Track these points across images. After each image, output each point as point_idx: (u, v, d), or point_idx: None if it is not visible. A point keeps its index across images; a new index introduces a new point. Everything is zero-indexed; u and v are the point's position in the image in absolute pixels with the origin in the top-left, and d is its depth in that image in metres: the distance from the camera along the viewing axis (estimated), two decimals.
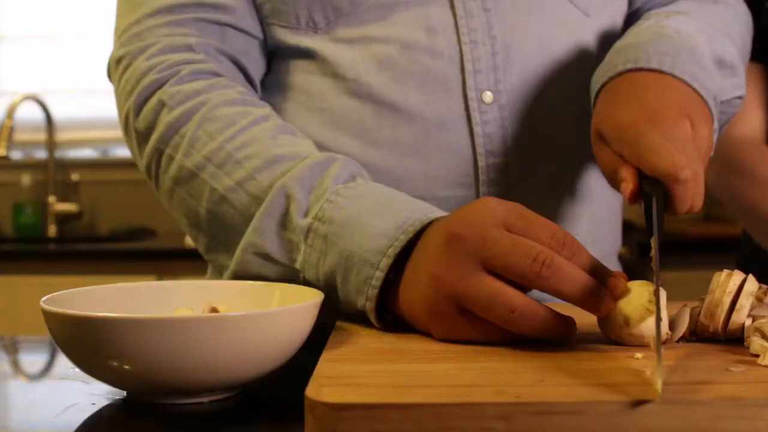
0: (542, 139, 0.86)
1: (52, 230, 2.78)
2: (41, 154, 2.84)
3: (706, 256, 1.72)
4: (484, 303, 0.60)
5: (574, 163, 0.88)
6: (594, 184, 0.90)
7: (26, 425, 0.60)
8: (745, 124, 1.20)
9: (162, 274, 2.20)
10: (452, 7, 0.84)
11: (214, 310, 0.69)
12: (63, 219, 2.80)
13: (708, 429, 0.46)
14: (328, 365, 0.56)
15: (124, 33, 0.85)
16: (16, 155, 2.83)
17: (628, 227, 2.41)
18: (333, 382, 0.51)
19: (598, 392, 0.48)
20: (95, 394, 0.62)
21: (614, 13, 0.92)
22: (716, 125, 0.81)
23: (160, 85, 0.80)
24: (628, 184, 0.67)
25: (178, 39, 0.82)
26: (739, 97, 0.89)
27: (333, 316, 0.72)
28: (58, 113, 2.78)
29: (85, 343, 0.59)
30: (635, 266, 2.05)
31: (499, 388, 0.48)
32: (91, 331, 0.58)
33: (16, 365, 0.79)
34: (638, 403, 0.46)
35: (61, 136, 2.81)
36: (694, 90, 0.75)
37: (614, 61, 0.78)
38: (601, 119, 0.73)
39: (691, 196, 0.66)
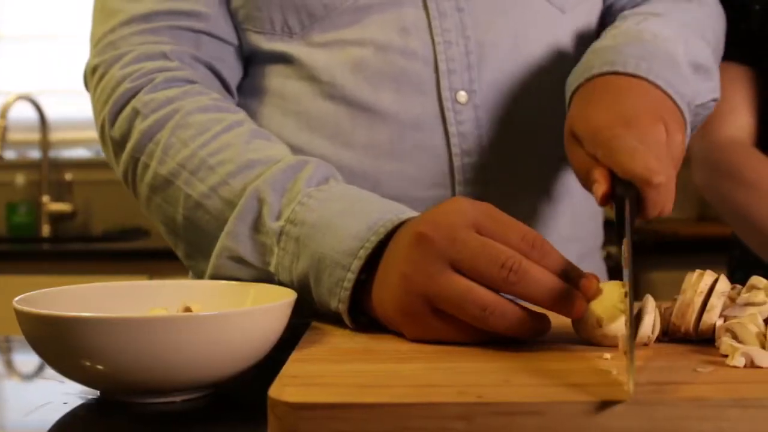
0: (518, 138, 0.86)
1: (45, 230, 2.78)
2: (35, 154, 2.84)
3: (698, 257, 1.72)
4: (456, 301, 0.60)
5: (552, 160, 0.88)
6: (573, 181, 0.89)
7: None
8: (733, 126, 1.19)
9: (155, 274, 2.19)
10: (426, 7, 0.84)
11: (187, 309, 0.69)
12: (57, 219, 2.80)
13: (671, 430, 0.46)
14: (295, 365, 0.55)
15: (99, 42, 0.85)
16: (10, 155, 2.83)
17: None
18: (297, 381, 0.51)
19: (562, 393, 0.47)
20: (69, 394, 0.62)
21: (590, 10, 0.91)
22: (689, 130, 0.81)
23: (134, 93, 0.81)
24: (601, 186, 0.66)
25: (153, 47, 0.83)
26: (714, 100, 0.89)
27: (310, 317, 0.72)
28: (51, 113, 2.78)
29: (56, 343, 0.59)
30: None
31: (461, 388, 0.48)
32: (61, 330, 0.58)
33: (9, 365, 0.80)
34: (604, 404, 0.45)
35: (54, 136, 2.81)
36: (669, 96, 0.75)
37: (591, 62, 0.78)
38: (576, 120, 0.73)
39: (663, 200, 0.66)
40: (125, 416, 0.58)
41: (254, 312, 0.61)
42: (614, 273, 0.75)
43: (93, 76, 0.85)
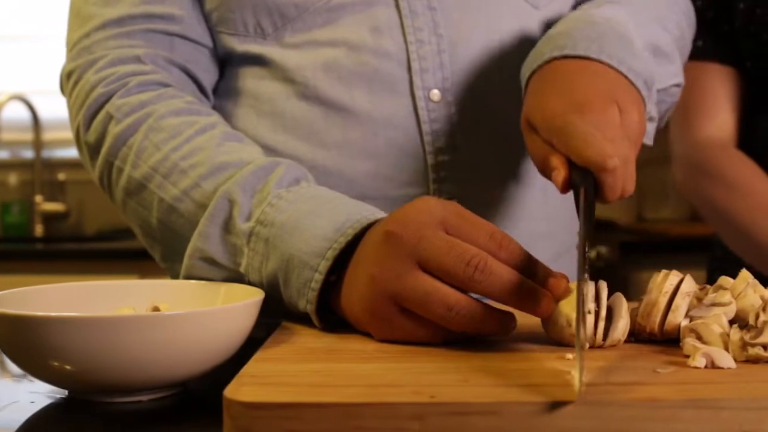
0: (493, 135, 0.86)
1: (38, 230, 2.78)
2: (28, 154, 2.84)
3: (689, 257, 1.72)
4: (421, 301, 0.60)
5: (527, 157, 0.88)
6: (548, 181, 0.89)
7: None
8: (714, 126, 1.20)
9: (146, 274, 2.19)
10: (398, 7, 0.84)
11: (156, 309, 0.69)
12: (50, 218, 2.80)
13: (622, 430, 0.46)
14: (256, 364, 0.55)
15: (74, 47, 0.85)
16: (3, 155, 2.83)
17: (609, 227, 2.43)
18: (254, 381, 0.51)
19: (515, 393, 0.47)
20: (36, 393, 0.62)
21: (562, 6, 0.91)
22: (654, 112, 0.80)
23: (108, 97, 0.81)
24: (560, 172, 0.66)
25: (127, 51, 0.83)
26: (677, 85, 0.88)
27: (282, 317, 0.72)
28: (44, 113, 2.78)
29: (23, 343, 0.59)
30: (617, 266, 2.05)
31: (417, 388, 0.48)
32: (28, 330, 0.58)
33: None
34: (554, 404, 0.45)
35: (47, 135, 2.81)
36: (622, 74, 0.74)
37: (542, 49, 0.78)
38: (530, 108, 0.72)
39: (621, 183, 0.66)
40: (93, 415, 0.58)
41: (221, 311, 0.61)
42: (604, 274, 0.74)
43: (68, 81, 0.85)
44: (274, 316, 0.72)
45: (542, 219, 0.90)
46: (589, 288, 0.60)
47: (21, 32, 2.81)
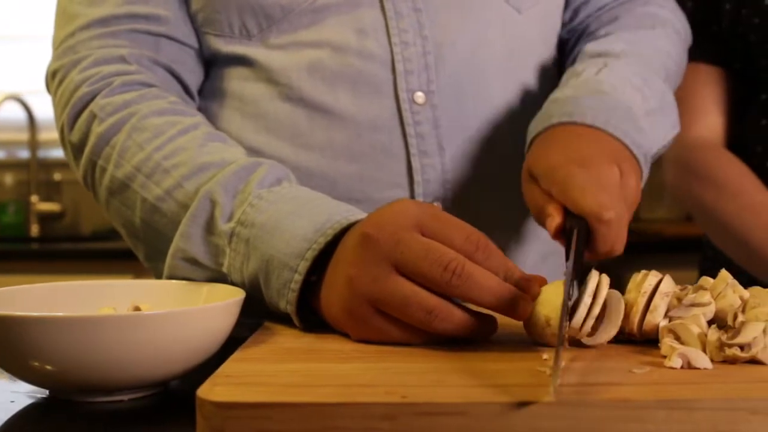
0: (477, 138, 0.86)
1: (34, 230, 2.78)
2: (24, 154, 2.84)
3: (684, 257, 1.72)
4: (400, 305, 0.60)
5: (512, 160, 0.88)
6: None
7: None
8: (704, 127, 1.20)
9: (141, 274, 2.19)
10: (383, 8, 0.83)
11: (137, 309, 0.70)
12: (45, 218, 2.80)
13: (596, 431, 0.46)
14: (232, 364, 0.55)
15: (59, 46, 0.85)
16: None
17: None
18: (229, 381, 0.51)
19: (487, 393, 0.47)
20: (17, 392, 0.63)
21: (547, 11, 0.91)
22: (646, 175, 0.81)
23: (92, 97, 0.81)
24: (554, 219, 0.68)
25: (111, 51, 0.83)
26: (676, 133, 0.90)
27: (264, 317, 0.72)
28: (40, 113, 2.78)
29: (3, 343, 0.59)
30: (611, 265, 2.04)
31: (390, 388, 0.48)
32: (9, 330, 0.58)
33: None
34: (524, 404, 0.45)
35: (43, 135, 2.81)
36: (625, 145, 0.76)
37: (551, 112, 0.79)
38: (533, 160, 0.74)
39: (613, 238, 0.67)
40: (73, 415, 0.59)
41: (200, 311, 0.61)
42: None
43: (53, 80, 0.85)
44: (257, 316, 0.72)
45: (528, 220, 0.89)
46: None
47: (17, 32, 2.81)
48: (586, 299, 0.59)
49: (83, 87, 0.81)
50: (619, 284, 0.66)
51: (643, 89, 0.83)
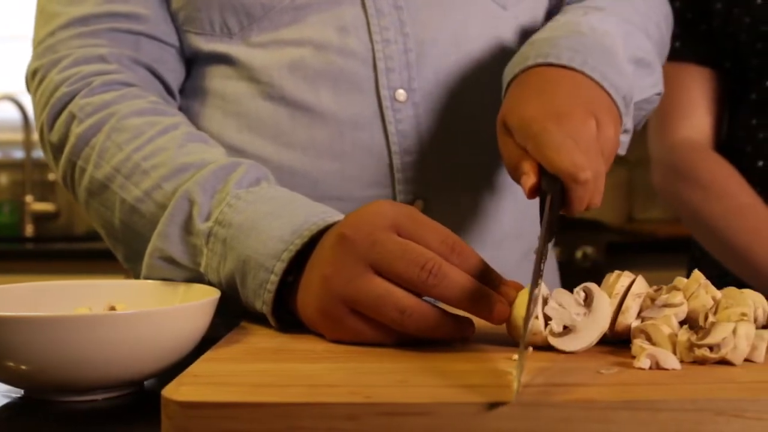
0: (459, 136, 0.86)
1: (29, 230, 2.78)
2: (18, 154, 2.84)
3: (677, 257, 1.72)
4: (374, 304, 0.60)
5: (494, 157, 0.88)
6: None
7: None
8: (691, 128, 1.20)
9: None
10: (364, 6, 0.83)
11: (112, 308, 0.70)
12: (40, 219, 2.80)
13: (559, 431, 0.46)
14: (202, 364, 0.55)
15: (39, 45, 0.85)
16: None
17: (596, 227, 2.43)
18: (195, 381, 0.51)
19: (451, 393, 0.47)
20: None
21: (534, 6, 0.91)
22: (630, 125, 0.80)
23: (71, 97, 0.81)
24: (529, 178, 0.66)
25: (91, 50, 0.83)
26: (657, 93, 0.88)
27: (242, 317, 0.72)
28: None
29: None
30: (604, 267, 2.04)
31: (355, 388, 0.48)
32: None
33: None
34: (487, 405, 0.45)
35: (38, 136, 2.80)
36: (604, 89, 0.74)
37: (526, 54, 0.77)
38: (508, 110, 0.72)
39: (590, 196, 0.66)
40: (48, 414, 0.59)
41: (175, 311, 0.62)
42: (591, 275, 0.72)
43: (33, 80, 0.85)
44: (235, 316, 0.72)
45: (511, 218, 0.89)
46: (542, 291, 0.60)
47: (11, 32, 2.81)
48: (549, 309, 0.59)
49: (63, 87, 0.81)
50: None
51: (626, 38, 0.81)
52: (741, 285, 0.65)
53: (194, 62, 0.88)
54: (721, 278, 1.15)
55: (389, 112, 0.83)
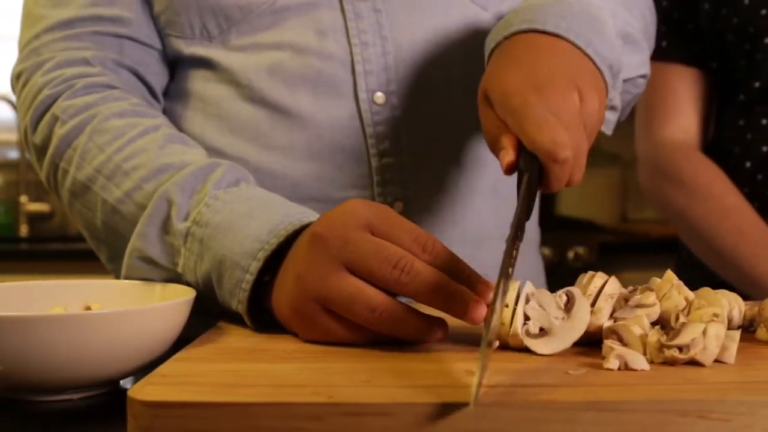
0: (438, 138, 0.86)
1: (24, 230, 2.78)
2: (13, 154, 2.84)
3: (670, 257, 1.72)
4: (346, 303, 0.60)
5: (473, 160, 0.88)
6: (498, 180, 0.89)
7: None
8: (678, 128, 1.20)
9: None
10: (342, 10, 0.83)
11: (88, 308, 0.70)
12: (35, 219, 2.80)
13: None
14: (172, 364, 0.56)
15: (24, 48, 0.85)
16: None
17: (587, 227, 2.43)
18: (163, 380, 0.51)
19: (413, 394, 0.47)
20: None
21: (517, 4, 0.91)
22: (617, 101, 0.78)
23: (54, 100, 0.81)
24: (507, 153, 0.64)
25: (75, 53, 0.83)
26: (643, 76, 0.86)
27: (219, 317, 0.72)
28: None
29: None
30: (595, 266, 2.04)
31: (319, 388, 0.48)
32: None
33: None
34: (446, 406, 0.45)
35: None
36: (589, 57, 0.72)
37: (510, 20, 0.74)
38: (489, 81, 0.69)
39: (569, 173, 0.63)
40: (24, 414, 0.59)
41: (149, 311, 0.62)
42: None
43: (18, 82, 0.85)
44: (212, 316, 0.72)
45: (491, 219, 0.89)
46: (513, 285, 0.59)
47: (4, 32, 2.81)
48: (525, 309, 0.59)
49: (46, 89, 0.81)
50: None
51: (614, 13, 0.79)
52: (726, 285, 0.65)
53: (177, 65, 0.88)
54: (709, 277, 1.15)
55: (368, 114, 0.83)
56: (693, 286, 0.65)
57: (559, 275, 1.01)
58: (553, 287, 0.64)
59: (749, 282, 1.07)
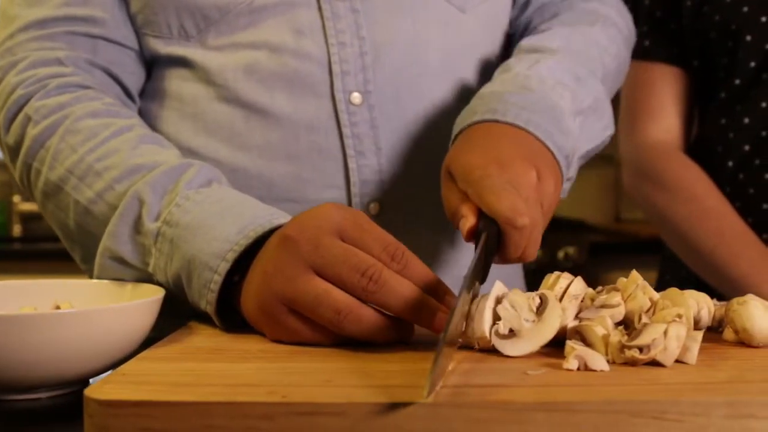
0: (415, 139, 0.86)
1: (17, 230, 2.79)
2: None
3: (658, 257, 1.72)
4: (311, 304, 0.61)
5: None
6: None
7: None
8: (660, 129, 1.20)
9: None
10: (320, 9, 0.83)
11: (57, 308, 0.70)
12: (28, 218, 2.80)
13: None
14: (133, 363, 0.56)
15: None
16: None
17: (578, 226, 2.43)
18: (121, 379, 0.51)
19: (367, 393, 0.47)
20: None
21: (495, 7, 0.91)
22: (573, 173, 0.80)
23: (27, 100, 0.81)
24: (467, 220, 0.67)
25: (48, 53, 0.83)
26: (609, 136, 0.88)
27: (191, 317, 0.72)
28: None
29: None
30: (585, 267, 2.04)
31: (274, 388, 0.48)
32: None
33: None
34: (398, 405, 0.45)
35: None
36: (547, 147, 0.75)
37: (475, 108, 0.78)
38: (452, 158, 0.73)
39: (525, 244, 0.66)
40: None
41: (117, 310, 0.62)
42: (573, 275, 0.72)
43: None
44: (184, 316, 0.72)
45: None
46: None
47: None
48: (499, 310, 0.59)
49: (19, 89, 0.82)
50: (593, 286, 0.66)
51: (575, 88, 0.82)
52: (704, 288, 0.65)
53: (154, 65, 0.88)
54: (689, 279, 1.15)
55: (344, 115, 0.83)
56: (676, 285, 0.65)
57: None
58: (539, 288, 0.64)
59: (728, 283, 1.08)
